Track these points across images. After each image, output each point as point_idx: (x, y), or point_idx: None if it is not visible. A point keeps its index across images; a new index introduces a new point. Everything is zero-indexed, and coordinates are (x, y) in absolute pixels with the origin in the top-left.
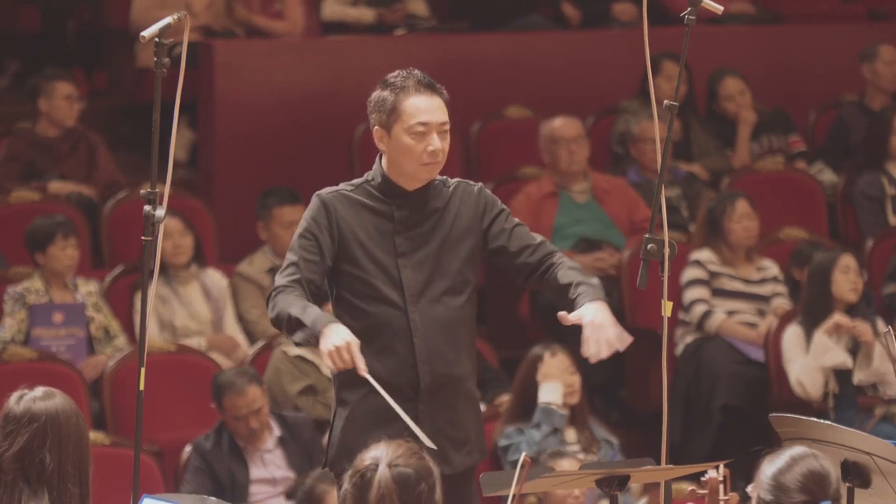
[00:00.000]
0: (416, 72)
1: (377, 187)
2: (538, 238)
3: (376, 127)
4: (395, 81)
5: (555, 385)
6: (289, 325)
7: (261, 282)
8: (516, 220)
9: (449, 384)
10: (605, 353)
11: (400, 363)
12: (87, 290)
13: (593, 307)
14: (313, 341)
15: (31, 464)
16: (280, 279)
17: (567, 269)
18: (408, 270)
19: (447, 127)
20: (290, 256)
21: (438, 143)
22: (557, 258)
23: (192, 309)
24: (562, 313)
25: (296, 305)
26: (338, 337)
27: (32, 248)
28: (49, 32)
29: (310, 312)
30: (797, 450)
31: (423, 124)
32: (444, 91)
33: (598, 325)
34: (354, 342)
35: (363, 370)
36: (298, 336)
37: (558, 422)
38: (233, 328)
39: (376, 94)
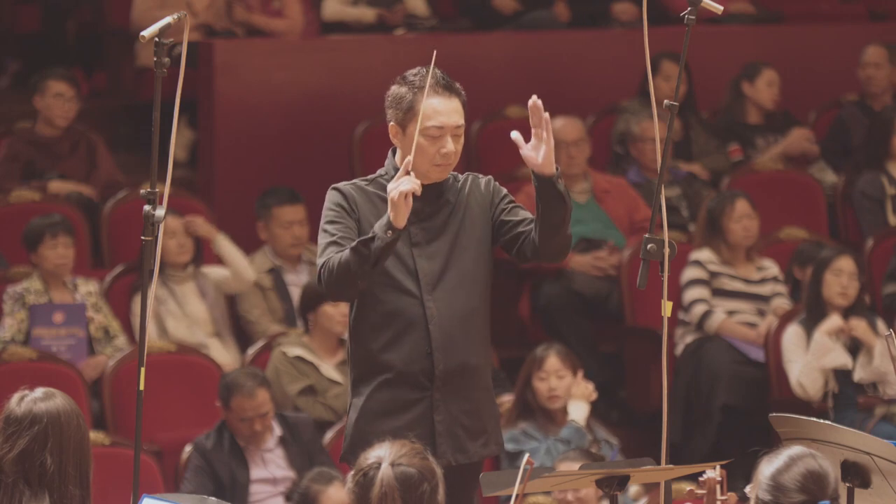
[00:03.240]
0: (436, 71)
1: (391, 181)
2: None
3: (392, 123)
4: (413, 80)
5: (583, 406)
6: (355, 258)
7: (261, 282)
8: (519, 204)
9: (464, 373)
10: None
11: (415, 351)
12: (87, 290)
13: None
14: (389, 233)
15: (33, 466)
16: (321, 259)
17: None
18: (423, 260)
19: (461, 130)
20: (326, 239)
21: (452, 147)
22: None
23: (188, 308)
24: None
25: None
26: (397, 189)
27: (27, 248)
28: (49, 32)
29: (362, 238)
30: (795, 450)
31: (439, 128)
32: (463, 92)
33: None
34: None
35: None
36: (374, 247)
37: (585, 443)
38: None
39: (394, 90)
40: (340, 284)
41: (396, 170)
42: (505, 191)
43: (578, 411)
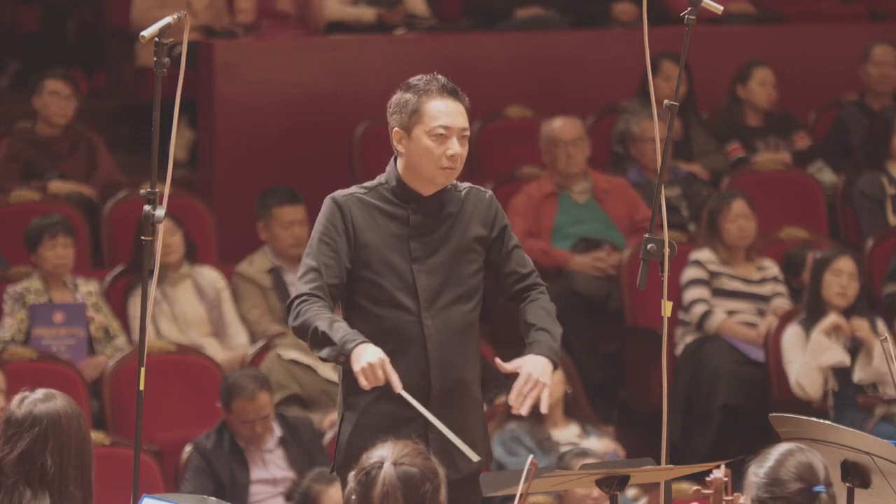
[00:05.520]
0: (440, 77)
1: (392, 191)
2: (529, 266)
3: (396, 128)
4: (418, 84)
5: (598, 440)
6: (314, 338)
7: (261, 282)
8: (516, 240)
9: (458, 389)
10: (525, 410)
11: (411, 369)
12: (87, 290)
13: (534, 360)
14: (342, 359)
15: (33, 467)
16: (301, 286)
17: (538, 307)
18: (422, 276)
19: (467, 133)
20: (309, 262)
21: (458, 148)
22: (536, 293)
23: (184, 308)
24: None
25: (322, 319)
26: (371, 355)
27: (27, 248)
28: (49, 32)
29: (337, 328)
30: (783, 447)
31: (445, 128)
32: (466, 98)
33: (528, 380)
34: (387, 359)
35: (398, 387)
36: (326, 352)
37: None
38: (234, 324)
39: (398, 96)
40: (302, 338)
41: (398, 179)
42: (506, 220)
43: (594, 444)
